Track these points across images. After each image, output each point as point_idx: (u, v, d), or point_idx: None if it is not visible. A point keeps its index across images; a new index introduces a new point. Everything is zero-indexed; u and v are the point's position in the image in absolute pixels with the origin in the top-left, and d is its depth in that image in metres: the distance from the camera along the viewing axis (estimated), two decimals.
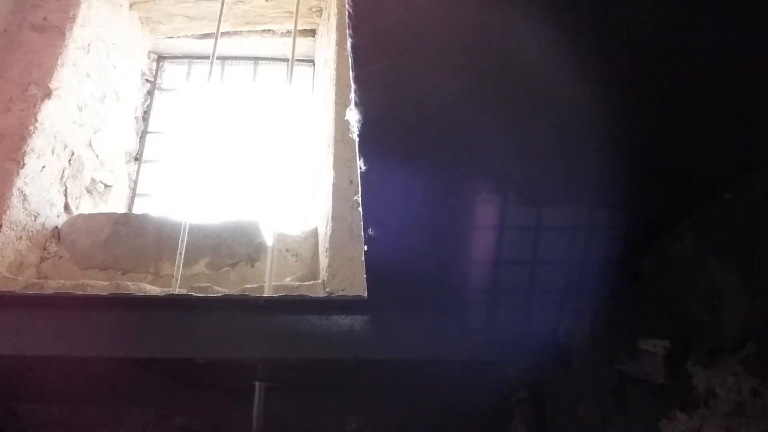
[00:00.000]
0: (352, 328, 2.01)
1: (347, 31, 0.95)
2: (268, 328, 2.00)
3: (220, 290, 2.53)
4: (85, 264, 2.76)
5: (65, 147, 2.93)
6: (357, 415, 2.65)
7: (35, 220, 2.73)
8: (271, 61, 3.91)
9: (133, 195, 3.46)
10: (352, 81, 1.04)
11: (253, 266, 2.78)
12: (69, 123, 2.97)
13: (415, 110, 1.14)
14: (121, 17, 3.50)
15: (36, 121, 2.75)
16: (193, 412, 2.61)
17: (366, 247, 1.53)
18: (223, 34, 3.35)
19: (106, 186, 3.25)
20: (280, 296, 2.11)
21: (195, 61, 3.90)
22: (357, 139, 1.17)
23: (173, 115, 3.72)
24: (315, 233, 2.94)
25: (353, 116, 1.11)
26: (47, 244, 2.80)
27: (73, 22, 3.06)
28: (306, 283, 2.57)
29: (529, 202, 1.43)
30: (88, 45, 3.16)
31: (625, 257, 1.60)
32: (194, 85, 3.85)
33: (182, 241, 2.43)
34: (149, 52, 3.82)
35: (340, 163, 2.67)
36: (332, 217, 2.56)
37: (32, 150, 2.70)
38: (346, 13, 0.92)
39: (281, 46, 3.83)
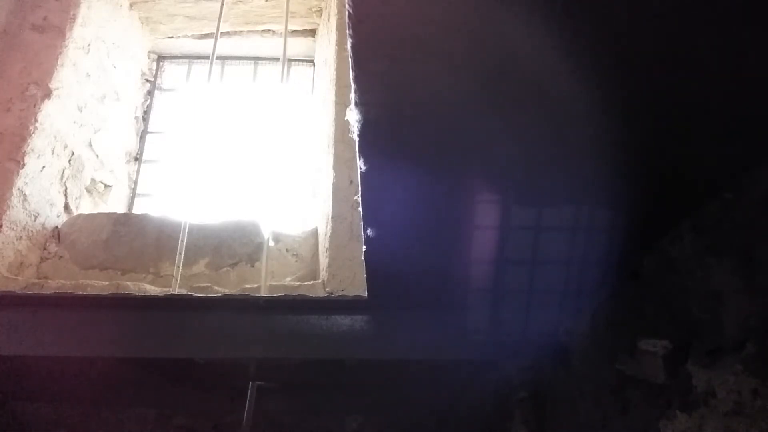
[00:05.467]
0: (352, 328, 2.01)
1: (347, 31, 0.95)
2: (268, 328, 2.00)
3: (220, 290, 2.53)
4: (85, 264, 2.76)
5: (65, 147, 2.93)
6: (357, 415, 2.65)
7: (35, 220, 2.73)
8: (271, 61, 3.91)
9: (133, 195, 3.46)
10: (352, 81, 1.04)
11: (253, 266, 2.78)
12: (69, 123, 2.97)
13: (415, 110, 1.14)
14: (121, 17, 3.50)
15: (36, 121, 2.75)
16: (193, 412, 2.61)
17: (366, 247, 1.53)
18: (223, 34, 3.35)
19: (106, 186, 3.25)
20: (280, 296, 2.11)
21: (195, 61, 3.90)
22: (357, 139, 1.17)
23: (173, 115, 3.72)
24: (315, 233, 2.94)
25: (353, 116, 1.11)
26: (47, 244, 2.80)
27: (73, 22, 3.06)
28: (306, 283, 2.58)
29: (529, 202, 1.43)
30: (88, 45, 3.17)
31: (625, 257, 1.60)
32: (194, 85, 3.85)
33: (182, 241, 2.43)
34: (149, 52, 3.82)
35: (340, 163, 2.67)
36: (332, 217, 2.56)
37: (32, 150, 2.70)
38: (346, 13, 0.92)
39: (281, 46, 3.83)
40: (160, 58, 3.89)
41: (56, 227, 2.86)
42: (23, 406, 2.54)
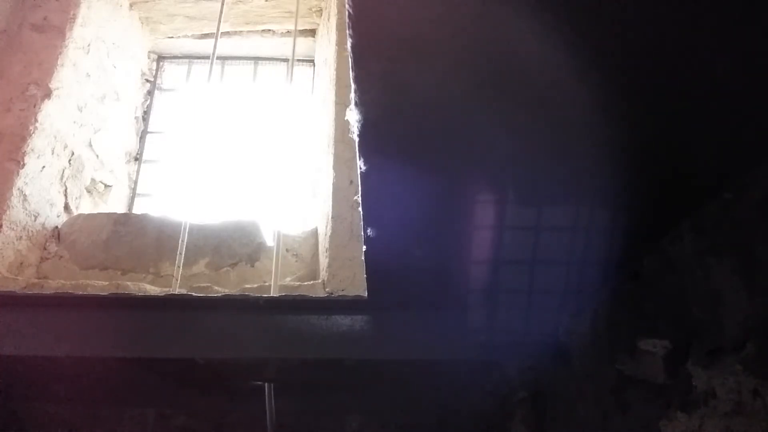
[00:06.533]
0: (352, 328, 2.01)
1: (347, 31, 0.95)
2: (268, 328, 2.00)
3: (220, 290, 2.53)
4: (85, 264, 2.76)
5: (65, 147, 2.93)
6: (357, 415, 2.65)
7: (35, 220, 2.73)
8: (271, 61, 3.91)
9: (133, 195, 3.46)
10: (352, 81, 1.04)
11: (253, 266, 2.78)
12: (69, 123, 2.97)
13: (415, 110, 1.14)
14: (121, 17, 3.50)
15: (36, 121, 2.74)
16: (193, 412, 2.61)
17: (366, 247, 1.53)
18: (223, 34, 3.35)
19: (106, 186, 3.25)
20: (280, 296, 2.11)
21: (195, 61, 3.90)
22: (357, 139, 1.17)
23: (173, 115, 3.72)
24: (315, 233, 2.94)
25: (353, 116, 1.11)
26: (47, 244, 2.80)
27: (73, 22, 3.06)
28: (306, 283, 2.57)
29: (529, 202, 1.43)
30: (88, 45, 3.16)
31: (625, 257, 1.60)
32: (194, 85, 3.85)
33: (182, 241, 2.43)
34: (149, 52, 3.82)
35: (340, 163, 2.67)
36: (332, 217, 2.56)
37: (32, 150, 2.70)
38: (346, 13, 0.92)
39: (281, 46, 3.83)
40: (160, 58, 3.89)
41: (56, 227, 2.86)
42: (23, 406, 2.54)
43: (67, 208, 2.95)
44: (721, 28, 0.94)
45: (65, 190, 2.94)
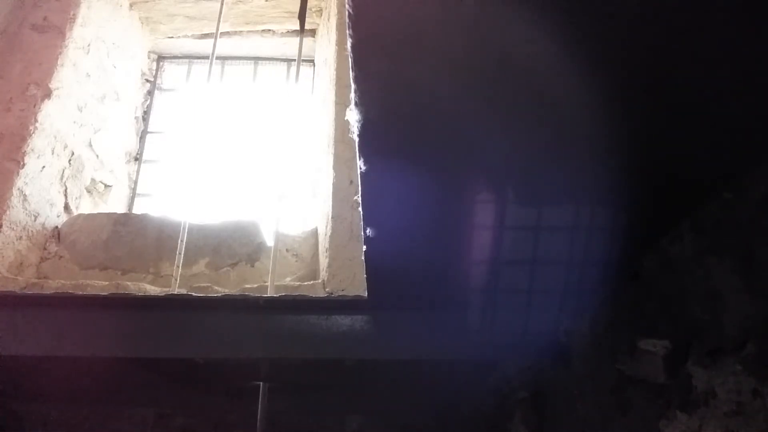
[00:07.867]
0: (352, 328, 2.01)
1: (347, 31, 0.95)
2: (268, 328, 2.00)
3: (220, 290, 2.53)
4: (85, 264, 2.76)
5: (65, 147, 2.93)
6: (357, 415, 2.65)
7: (35, 220, 2.73)
8: (271, 61, 3.91)
9: (133, 195, 3.46)
10: (352, 81, 1.04)
11: (253, 266, 2.78)
12: (69, 123, 2.97)
13: (415, 110, 1.14)
14: (121, 17, 3.50)
15: (36, 121, 2.75)
16: (193, 412, 2.61)
17: (366, 247, 1.53)
18: (223, 34, 3.35)
19: (106, 186, 3.25)
20: (280, 296, 2.11)
21: (195, 61, 3.90)
22: (357, 139, 1.17)
23: (173, 115, 3.72)
24: (315, 233, 2.94)
25: (353, 116, 1.11)
26: (47, 244, 2.80)
27: (73, 22, 3.06)
28: (306, 283, 2.58)
29: (529, 202, 1.43)
30: (88, 45, 3.17)
31: (625, 257, 1.60)
32: (194, 85, 3.85)
33: (182, 241, 2.43)
34: (149, 52, 3.82)
35: (340, 163, 2.67)
36: (332, 217, 2.56)
37: (32, 150, 2.70)
38: (346, 13, 0.92)
39: (281, 46, 3.83)
40: (160, 58, 3.89)
41: (56, 227, 2.86)
42: (23, 406, 2.54)
43: (67, 208, 2.95)
44: (721, 28, 0.94)
45: (65, 190, 2.94)
